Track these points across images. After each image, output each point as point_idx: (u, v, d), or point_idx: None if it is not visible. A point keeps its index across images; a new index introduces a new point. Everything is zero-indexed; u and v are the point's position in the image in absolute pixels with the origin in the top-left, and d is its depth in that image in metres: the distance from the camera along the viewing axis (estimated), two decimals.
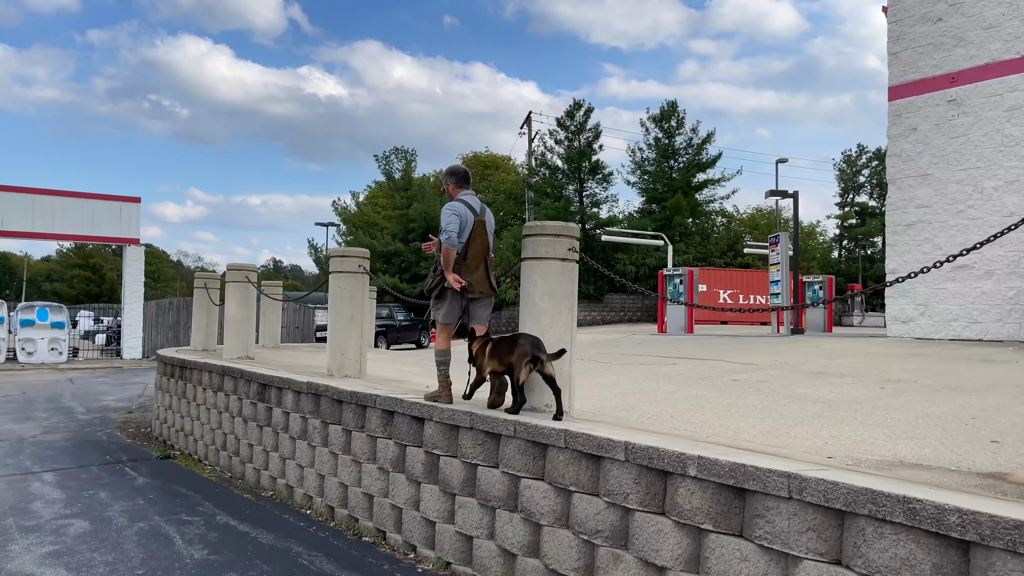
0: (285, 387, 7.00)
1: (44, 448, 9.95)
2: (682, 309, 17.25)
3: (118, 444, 10.34)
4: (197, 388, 9.20)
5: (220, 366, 8.50)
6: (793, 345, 10.14)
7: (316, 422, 6.45)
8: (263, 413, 7.45)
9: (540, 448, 4.15)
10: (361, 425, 5.81)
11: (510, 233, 39.55)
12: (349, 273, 7.20)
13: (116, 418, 12.82)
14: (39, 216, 26.55)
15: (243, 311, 9.62)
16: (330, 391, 6.21)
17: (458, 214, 5.08)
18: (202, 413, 9.00)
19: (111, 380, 19.49)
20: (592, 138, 37.35)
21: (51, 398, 15.42)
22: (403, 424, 5.28)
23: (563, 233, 4.86)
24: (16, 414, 13.12)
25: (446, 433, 4.86)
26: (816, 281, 19.59)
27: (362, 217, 43.22)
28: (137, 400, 15.24)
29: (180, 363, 9.83)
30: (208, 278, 11.76)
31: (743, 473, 3.04)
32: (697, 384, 6.70)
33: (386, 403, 5.46)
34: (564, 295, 4.84)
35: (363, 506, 5.73)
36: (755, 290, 34.83)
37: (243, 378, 7.91)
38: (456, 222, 5.05)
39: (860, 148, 40.45)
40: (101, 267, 69.09)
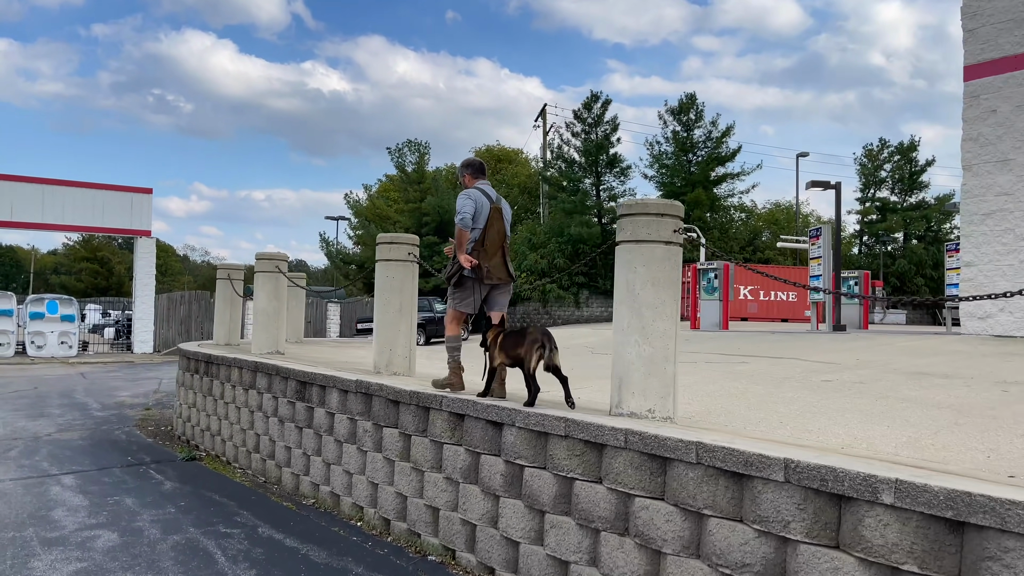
0: (329, 385, 6.40)
1: (61, 448, 9.38)
2: (716, 305, 16.60)
3: (139, 444, 9.76)
4: (225, 385, 8.61)
5: (252, 362, 7.90)
6: (856, 343, 9.50)
7: (367, 424, 5.85)
8: (303, 413, 6.85)
9: (659, 462, 3.54)
10: (423, 429, 5.20)
11: (524, 228, 38.93)
12: (398, 261, 6.59)
13: (133, 415, 12.25)
14: (49, 207, 26.02)
15: (274, 303, 9.03)
16: (385, 391, 5.61)
17: (472, 199, 5.19)
18: (231, 412, 8.41)
19: (124, 375, 18.94)
20: (610, 131, 36.67)
21: (64, 393, 14.87)
22: (476, 429, 4.67)
23: (668, 212, 4.24)
24: (29, 410, 12.56)
25: (532, 441, 4.24)
26: (851, 276, 18.91)
27: (374, 211, 42.60)
28: (153, 396, 14.68)
29: (206, 358, 9.24)
30: (231, 269, 11.17)
31: (967, 503, 2.42)
32: (786, 385, 6.08)
33: (455, 405, 4.85)
34: (668, 284, 4.22)
35: (426, 520, 5.13)
36: (776, 286, 34.10)
37: (279, 375, 7.31)
38: (471, 205, 5.15)
39: (882, 142, 39.64)
40: (109, 260, 68.71)
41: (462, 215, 5.12)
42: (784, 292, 34.33)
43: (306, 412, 6.80)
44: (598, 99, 37.19)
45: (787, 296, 34.49)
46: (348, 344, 14.45)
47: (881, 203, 39.87)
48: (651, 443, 3.54)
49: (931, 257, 38.48)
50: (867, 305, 19.52)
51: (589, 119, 37.13)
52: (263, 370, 7.64)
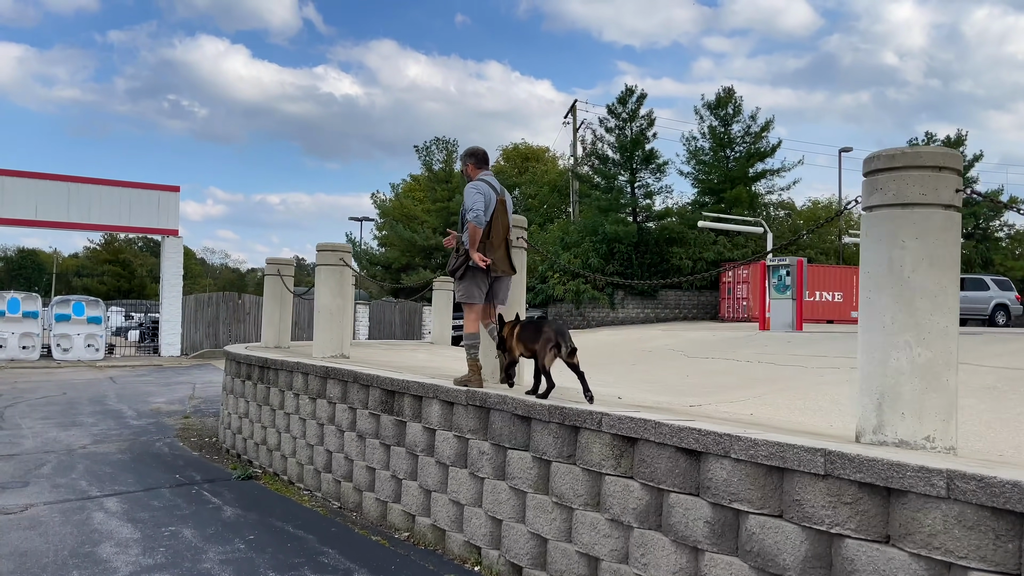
0: (428, 396, 5.32)
1: (99, 463, 8.38)
2: (789, 304, 15.41)
3: (184, 458, 8.74)
4: (286, 394, 7.56)
5: (321, 367, 6.84)
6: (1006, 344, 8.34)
7: (484, 445, 4.76)
8: (391, 429, 5.77)
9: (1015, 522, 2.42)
10: (569, 454, 4.10)
11: (556, 227, 37.83)
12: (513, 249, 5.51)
13: (172, 424, 11.26)
14: (75, 206, 25.24)
15: (338, 300, 7.97)
16: (510, 404, 4.52)
17: (482, 192, 5.16)
18: (294, 424, 7.35)
19: (155, 379, 18.03)
20: (645, 126, 35.44)
21: (95, 399, 13.92)
22: (660, 460, 3.56)
23: (947, 165, 3.11)
24: (60, 418, 11.61)
25: (758, 479, 3.13)
26: None
27: (401, 210, 41.66)
28: (190, 403, 13.70)
29: (260, 362, 8.20)
30: (281, 264, 10.14)
31: None
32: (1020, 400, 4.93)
33: (622, 426, 3.75)
34: (949, 265, 3.10)
35: (579, 572, 4.02)
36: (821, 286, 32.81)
37: (358, 383, 6.24)
38: (481, 200, 5.11)
39: (928, 136, 38.15)
40: (131, 263, 68.33)
41: (475, 211, 5.07)
42: (830, 293, 33.02)
43: (395, 427, 5.72)
44: (633, 93, 35.99)
45: (832, 296, 33.17)
46: (399, 346, 13.40)
47: None
48: (996, 491, 2.42)
49: (980, 255, 36.99)
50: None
51: (624, 114, 35.92)
52: (336, 377, 6.57)
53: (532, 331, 4.77)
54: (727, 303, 32.65)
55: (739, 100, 36.58)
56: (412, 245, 39.63)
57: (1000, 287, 23.55)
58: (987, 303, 22.90)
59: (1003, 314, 23.08)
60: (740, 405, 4.83)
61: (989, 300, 23.01)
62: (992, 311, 22.86)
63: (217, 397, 14.59)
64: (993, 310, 22.94)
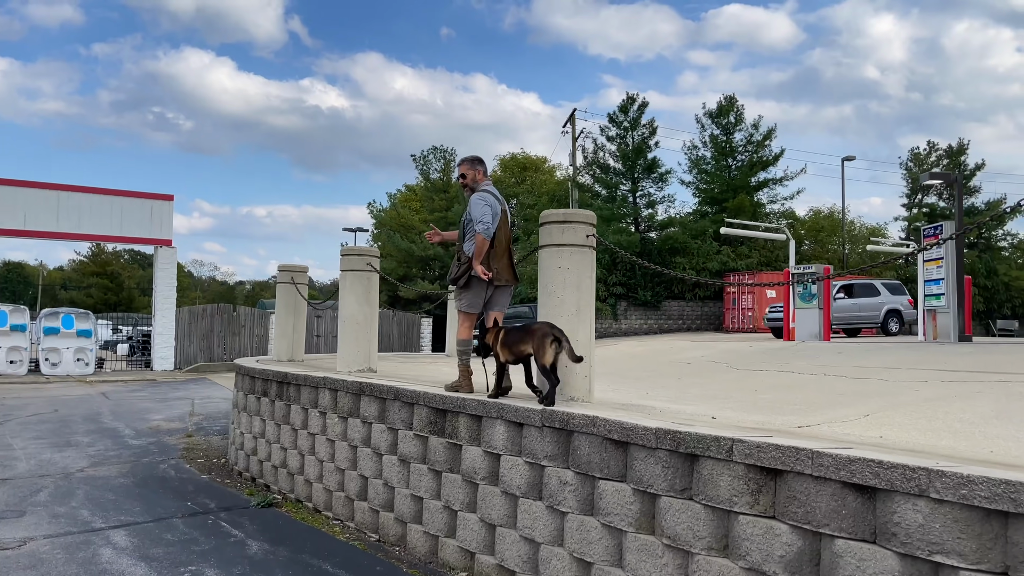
0: (491, 416, 4.65)
1: (100, 488, 7.64)
2: (815, 313, 14.83)
3: (194, 482, 8.01)
4: (310, 412, 6.86)
5: (354, 383, 6.16)
6: None
7: (566, 474, 4.09)
8: (442, 453, 5.09)
9: None
10: (683, 488, 3.44)
11: None
12: (573, 247, 4.88)
13: (174, 444, 10.52)
14: (64, 215, 24.42)
15: (365, 309, 7.29)
16: (600, 427, 3.86)
17: (490, 204, 5.18)
18: (320, 446, 6.66)
19: (150, 395, 17.24)
20: (648, 134, 34.97)
21: (89, 417, 13.14)
22: (819, 497, 2.91)
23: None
24: (53, 437, 10.83)
25: (972, 525, 2.48)
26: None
27: (398, 220, 40.96)
28: (191, 420, 12.94)
29: (279, 377, 7.50)
30: (295, 271, 9.47)
31: None
32: None
33: (763, 455, 3.10)
34: None
35: None
36: None
37: (400, 400, 5.56)
38: (490, 212, 5.13)
39: (930, 145, 37.92)
40: (119, 275, 67.22)
41: (484, 223, 5.08)
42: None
43: (448, 451, 5.05)
44: (634, 101, 35.54)
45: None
46: (413, 359, 12.71)
47: (930, 209, 38.10)
48: None
49: (984, 265, 36.68)
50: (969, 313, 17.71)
51: (625, 122, 35.45)
52: (373, 393, 5.89)
53: (521, 333, 4.65)
54: (732, 313, 32.11)
55: (741, 108, 36.20)
56: (409, 255, 38.95)
57: (892, 292, 22.14)
58: (878, 310, 21.47)
59: (896, 321, 21.65)
60: (855, 426, 4.20)
61: (880, 307, 21.53)
62: (884, 318, 21.50)
63: (219, 413, 13.84)
64: (885, 317, 21.53)
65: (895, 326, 21.54)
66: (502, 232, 5.27)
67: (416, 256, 39.31)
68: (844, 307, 20.93)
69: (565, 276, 4.86)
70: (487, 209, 5.15)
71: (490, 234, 5.10)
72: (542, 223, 5.04)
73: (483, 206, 5.16)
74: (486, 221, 5.09)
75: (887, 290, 21.97)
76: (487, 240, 5.09)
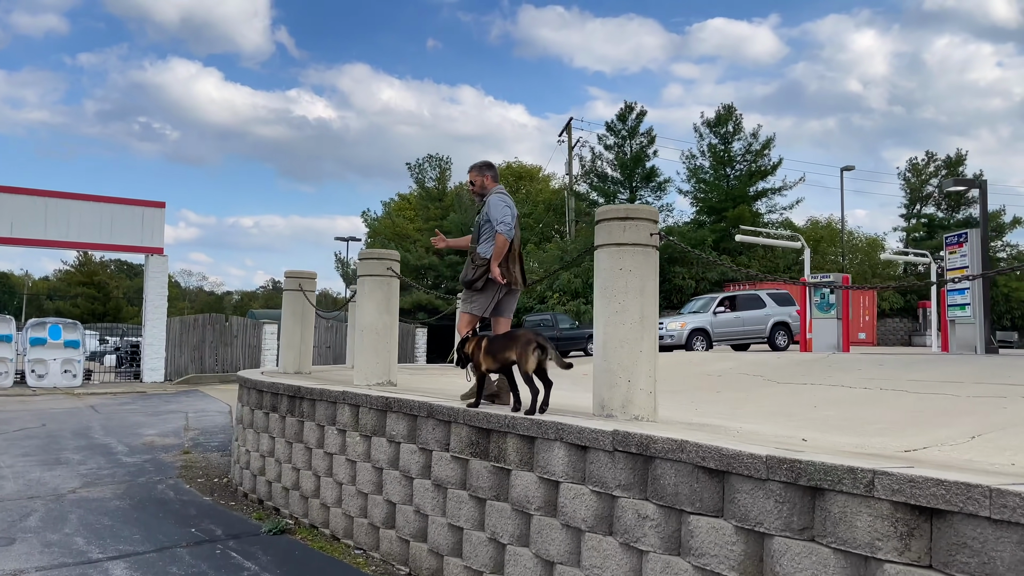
0: (547, 437, 4.11)
1: (95, 511, 7.03)
2: (834, 324, 14.39)
3: (196, 505, 7.42)
4: (327, 429, 6.29)
5: (379, 398, 5.61)
6: None
7: (645, 507, 3.56)
8: (487, 478, 4.55)
9: None
10: (803, 527, 2.92)
11: (554, 246, 36.77)
12: (634, 246, 4.37)
13: (171, 461, 9.90)
14: (52, 222, 23.70)
15: (385, 318, 6.74)
16: (689, 452, 3.33)
17: (510, 206, 5.12)
18: (338, 467, 6.09)
19: (141, 408, 16.58)
20: (646, 143, 34.68)
21: (79, 432, 12.48)
22: (1000, 546, 2.39)
23: None
24: (41, 454, 10.19)
25: None
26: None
27: (393, 229, 40.40)
28: (186, 435, 12.31)
29: (291, 392, 6.93)
30: (303, 277, 8.91)
31: None
32: None
33: (917, 492, 2.57)
34: None
35: None
36: None
37: (434, 417, 5.01)
38: (510, 213, 5.07)
39: (928, 156, 37.74)
40: (106, 285, 66.22)
41: (506, 223, 5.00)
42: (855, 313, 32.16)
43: (493, 476, 4.50)
44: (633, 109, 35.28)
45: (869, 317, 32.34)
46: (424, 371, 12.14)
47: (928, 220, 37.89)
48: None
49: None
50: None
51: (623, 131, 35.17)
52: (402, 409, 5.34)
53: (504, 340, 4.59)
54: None
55: (739, 118, 35.95)
56: (404, 265, 38.24)
57: (779, 302, 20.51)
58: (764, 323, 19.93)
59: (784, 334, 20.04)
60: (970, 450, 3.71)
61: (767, 319, 20.02)
62: (771, 331, 19.94)
63: (215, 428, 13.21)
64: (772, 330, 19.97)
65: (783, 339, 20.03)
66: (516, 236, 5.20)
67: (411, 265, 38.72)
68: (727, 321, 19.66)
69: (627, 280, 4.34)
70: (507, 210, 5.06)
71: (511, 235, 5.01)
72: (599, 220, 4.53)
73: (503, 207, 5.08)
74: (507, 221, 4.99)
75: (773, 301, 20.58)
76: (508, 241, 4.99)
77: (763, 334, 20.01)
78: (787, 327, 20.11)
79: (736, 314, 20.01)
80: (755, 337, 20.13)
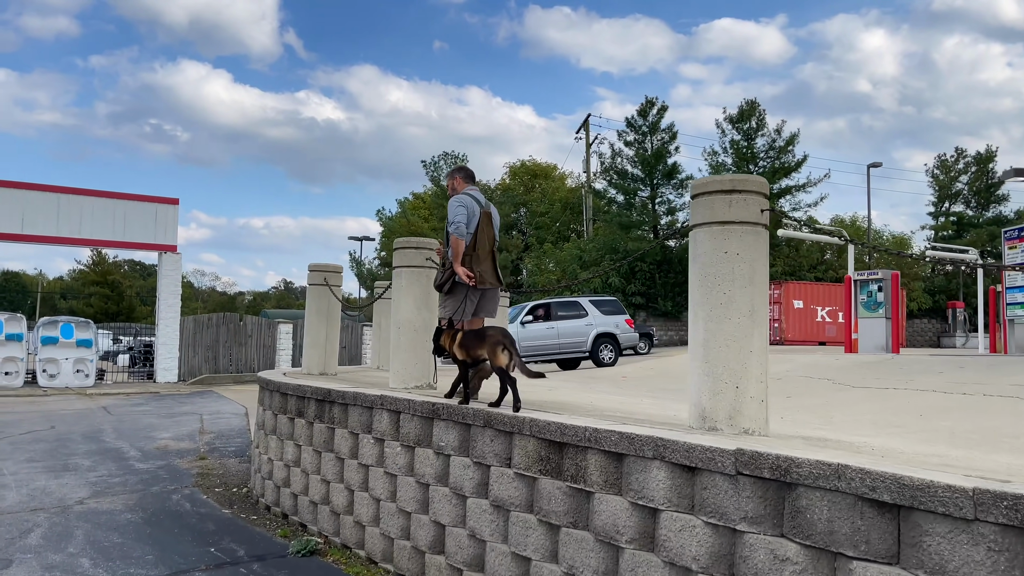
0: (641, 454, 3.39)
1: (104, 527, 6.37)
2: (882, 323, 13.59)
3: (214, 519, 6.74)
4: (362, 438, 5.60)
5: (424, 403, 4.91)
6: None
7: (786, 548, 2.83)
8: (562, 500, 3.83)
9: None
10: None
11: (572, 245, 36.04)
12: (744, 225, 3.65)
13: (186, 467, 9.25)
14: (64, 219, 23.17)
15: (424, 314, 6.04)
16: (854, 479, 2.60)
17: (464, 205, 5.20)
18: (375, 481, 5.39)
19: (154, 409, 15.98)
20: (668, 139, 33.84)
21: (89, 435, 11.86)
22: None
23: None
24: (48, 460, 9.56)
25: None
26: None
27: (408, 228, 39.78)
28: (201, 439, 11.67)
29: (320, 395, 6.24)
30: (329, 271, 8.23)
31: None
32: None
33: None
34: None
35: None
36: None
37: (492, 427, 4.31)
38: (463, 212, 5.15)
39: (958, 152, 36.74)
40: (119, 284, 65.96)
41: (456, 223, 5.11)
42: None
43: (570, 499, 3.79)
44: (654, 105, 34.46)
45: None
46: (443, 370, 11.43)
47: (957, 218, 36.89)
48: None
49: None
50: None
51: (644, 127, 34.36)
52: (451, 417, 4.64)
53: (474, 336, 4.74)
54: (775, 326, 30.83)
55: (762, 113, 35.05)
56: None
57: (603, 310, 17.86)
58: (585, 335, 17.25)
59: (609, 347, 17.45)
60: None
61: (588, 330, 17.35)
62: (593, 345, 17.21)
63: (231, 431, 12.56)
64: (595, 343, 17.25)
65: (609, 354, 17.46)
66: (484, 234, 5.20)
67: None
68: (536, 334, 16.91)
69: (734, 266, 3.62)
70: (461, 210, 5.15)
71: (462, 233, 5.08)
72: (697, 193, 3.81)
73: (456, 207, 5.19)
74: (458, 222, 5.08)
75: (597, 309, 17.83)
76: (461, 240, 5.08)
77: (583, 348, 17.20)
78: (613, 339, 17.46)
79: (550, 324, 17.30)
80: (573, 352, 17.25)
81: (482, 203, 5.33)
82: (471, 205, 5.23)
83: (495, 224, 5.40)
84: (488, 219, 5.29)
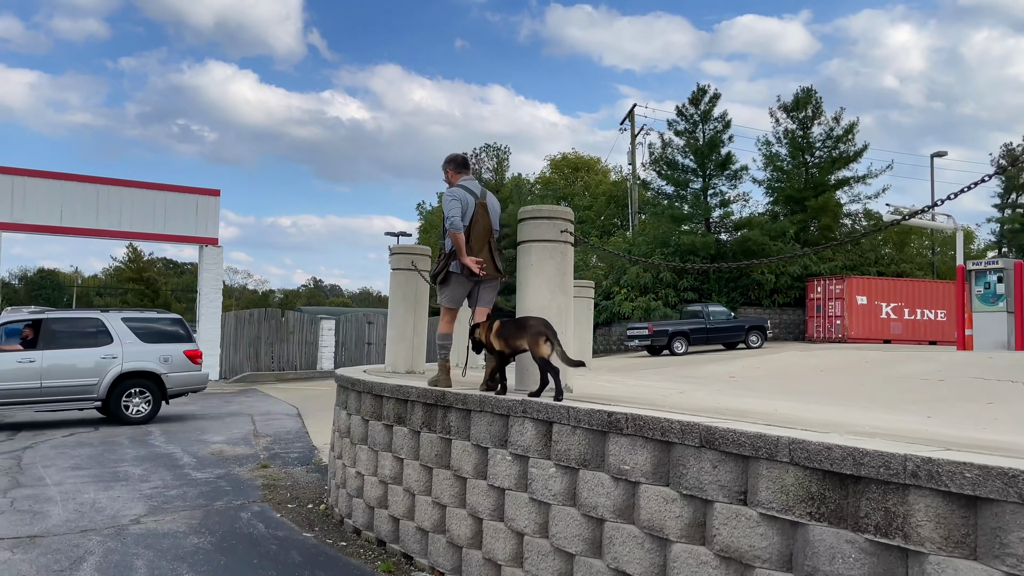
0: (914, 482, 2.18)
1: (168, 555, 5.30)
2: (1002, 318, 12.20)
3: (296, 545, 5.64)
4: (493, 453, 4.45)
5: (596, 412, 3.74)
6: None
7: None
8: (864, 563, 2.64)
9: None
10: None
11: (620, 238, 34.74)
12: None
13: (249, 477, 8.20)
14: (104, 211, 22.45)
15: (559, 299, 4.89)
16: None
17: (457, 198, 5.20)
18: (515, 508, 4.24)
19: (200, 410, 15.08)
20: (721, 128, 32.33)
21: (136, 438, 10.90)
22: None
23: None
24: (96, 467, 8.58)
25: None
26: None
27: None
28: (257, 443, 10.64)
29: (432, 399, 5.10)
30: (416, 254, 7.11)
31: None
32: None
33: None
34: None
35: None
36: (923, 303, 29.60)
37: (714, 448, 3.13)
38: (457, 206, 5.16)
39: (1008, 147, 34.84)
40: (156, 281, 65.81)
41: (451, 218, 5.12)
42: (932, 311, 29.62)
43: (877, 558, 2.60)
44: (705, 93, 32.93)
45: (935, 315, 29.78)
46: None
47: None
48: None
49: None
50: None
51: (695, 116, 32.87)
52: (639, 432, 3.46)
53: (514, 326, 4.61)
54: (815, 321, 29.37)
55: (819, 100, 33.42)
56: None
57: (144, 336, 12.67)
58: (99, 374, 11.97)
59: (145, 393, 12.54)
60: None
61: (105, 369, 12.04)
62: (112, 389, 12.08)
63: (288, 434, 11.54)
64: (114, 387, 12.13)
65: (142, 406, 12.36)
66: (479, 224, 5.20)
67: None
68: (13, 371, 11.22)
69: None
70: (455, 204, 5.15)
71: (458, 226, 5.09)
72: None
73: (450, 201, 5.19)
74: (452, 216, 5.10)
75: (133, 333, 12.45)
76: (460, 233, 5.08)
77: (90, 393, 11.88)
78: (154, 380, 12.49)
79: (33, 355, 11.49)
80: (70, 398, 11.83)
81: (477, 193, 5.27)
82: (464, 197, 5.21)
83: (493, 213, 5.35)
84: (483, 209, 5.25)
